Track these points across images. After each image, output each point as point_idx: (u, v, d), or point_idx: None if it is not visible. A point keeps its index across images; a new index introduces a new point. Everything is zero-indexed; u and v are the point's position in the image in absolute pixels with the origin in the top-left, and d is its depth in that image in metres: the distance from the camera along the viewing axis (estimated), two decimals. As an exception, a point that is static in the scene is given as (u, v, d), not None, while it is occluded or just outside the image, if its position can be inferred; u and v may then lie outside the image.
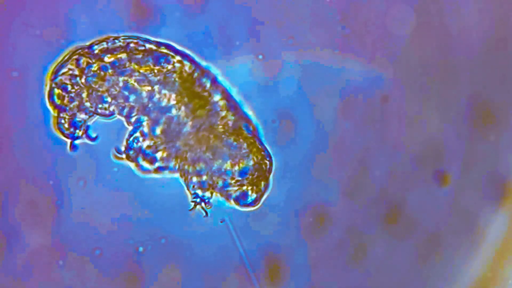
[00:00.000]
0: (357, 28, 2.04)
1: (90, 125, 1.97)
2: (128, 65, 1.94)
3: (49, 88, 1.94)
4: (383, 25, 2.05)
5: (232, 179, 1.96)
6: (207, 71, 1.98)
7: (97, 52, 1.94)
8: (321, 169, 2.05)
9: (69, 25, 1.98)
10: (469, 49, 2.06)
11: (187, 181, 1.97)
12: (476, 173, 2.08)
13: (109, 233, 2.01)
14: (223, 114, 1.97)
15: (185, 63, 1.96)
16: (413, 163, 2.07)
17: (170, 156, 1.96)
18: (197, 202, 1.98)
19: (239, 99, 2.00)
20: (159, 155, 1.96)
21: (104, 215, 2.01)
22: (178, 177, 1.98)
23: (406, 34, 2.05)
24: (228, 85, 2.00)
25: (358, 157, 2.06)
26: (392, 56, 2.05)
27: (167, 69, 1.94)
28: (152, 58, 1.95)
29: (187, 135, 1.95)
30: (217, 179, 1.96)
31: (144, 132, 1.95)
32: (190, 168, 1.96)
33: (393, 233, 2.06)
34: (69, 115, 1.94)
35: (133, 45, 1.95)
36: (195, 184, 1.97)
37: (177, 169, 1.97)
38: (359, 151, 2.06)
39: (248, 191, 1.97)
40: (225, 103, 1.97)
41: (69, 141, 1.96)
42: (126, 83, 1.93)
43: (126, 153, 1.96)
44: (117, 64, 1.94)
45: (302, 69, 2.03)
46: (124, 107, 1.94)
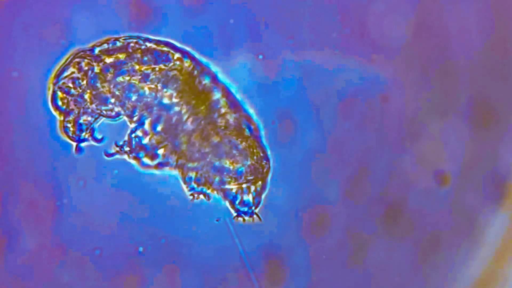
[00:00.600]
0: (357, 28, 2.05)
1: (95, 127, 1.97)
2: (129, 65, 1.94)
3: (52, 92, 1.94)
4: (383, 25, 2.05)
5: (228, 177, 1.96)
6: (208, 69, 1.98)
7: (98, 53, 1.94)
8: (321, 169, 2.05)
9: (69, 25, 1.98)
10: (469, 49, 2.06)
11: (184, 175, 1.97)
12: (476, 173, 2.08)
13: (109, 233, 2.01)
14: (224, 111, 1.97)
15: (186, 61, 1.96)
16: (413, 163, 2.07)
17: (170, 152, 1.96)
18: (195, 192, 1.98)
19: (239, 96, 2.00)
20: (161, 151, 1.96)
21: (104, 215, 2.01)
22: (176, 173, 1.98)
23: (406, 34, 2.05)
24: (228, 82, 2.00)
25: (358, 157, 2.06)
26: (392, 56, 2.05)
27: (168, 67, 1.94)
28: (152, 56, 1.95)
29: (188, 132, 1.95)
30: (214, 176, 1.96)
31: (145, 129, 1.95)
32: (188, 163, 1.96)
33: (393, 233, 2.06)
34: (74, 118, 1.94)
35: (133, 45, 1.95)
36: (191, 178, 1.97)
37: (176, 164, 1.97)
38: (359, 151, 2.06)
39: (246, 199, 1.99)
40: (226, 101, 1.97)
41: (75, 144, 1.96)
42: (128, 83, 1.93)
43: (123, 149, 1.96)
44: (118, 64, 1.94)
45: (302, 69, 2.03)
46: (127, 107, 1.94)
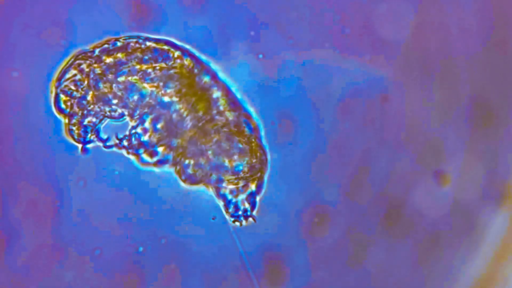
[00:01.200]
0: (357, 28, 2.05)
1: (100, 128, 1.97)
2: (130, 64, 1.94)
3: (55, 95, 1.94)
4: (383, 25, 2.05)
5: (225, 175, 1.96)
6: (208, 67, 1.98)
7: (99, 54, 1.94)
8: (321, 169, 2.05)
9: (69, 25, 1.98)
10: (469, 49, 2.06)
11: (182, 172, 1.97)
12: (476, 173, 2.08)
13: (109, 233, 2.01)
14: (223, 109, 1.97)
15: (186, 59, 1.97)
16: (413, 163, 2.07)
17: (170, 150, 1.96)
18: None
19: (239, 95, 2.00)
20: (160, 149, 1.96)
21: (104, 215, 2.01)
22: (174, 170, 1.98)
23: (406, 34, 2.05)
24: (228, 81, 2.00)
25: (358, 157, 2.06)
26: (392, 56, 2.05)
27: (168, 65, 1.95)
28: (153, 55, 1.95)
29: (187, 130, 1.95)
30: (211, 174, 1.96)
31: (146, 127, 1.95)
32: (186, 160, 1.96)
33: (393, 233, 2.06)
34: (79, 120, 1.94)
35: (133, 45, 1.95)
36: (189, 175, 1.97)
37: (174, 162, 1.97)
38: (359, 151, 2.06)
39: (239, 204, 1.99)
40: (226, 99, 1.98)
41: (80, 146, 1.96)
42: (129, 83, 1.93)
43: (122, 143, 1.96)
44: (119, 64, 1.94)
45: (302, 69, 2.03)
46: (129, 106, 1.94)
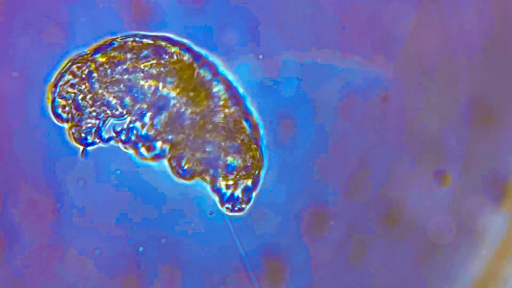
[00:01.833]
0: (357, 28, 2.05)
1: (102, 129, 1.97)
2: (128, 63, 1.94)
3: (52, 100, 1.94)
4: (383, 25, 2.05)
5: (221, 171, 1.97)
6: (207, 61, 1.98)
7: (96, 56, 1.94)
8: (321, 169, 2.05)
9: (69, 25, 1.98)
10: (469, 49, 2.06)
11: (177, 165, 1.97)
12: (476, 173, 2.08)
13: (109, 233, 2.01)
14: (222, 104, 1.97)
15: (184, 54, 1.96)
16: (413, 163, 2.07)
17: (168, 144, 1.96)
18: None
19: (240, 89, 2.00)
20: (159, 144, 1.96)
21: (104, 215, 2.01)
22: (170, 163, 1.98)
23: (406, 34, 2.05)
24: (229, 75, 1.99)
25: (358, 157, 2.06)
26: (392, 56, 2.05)
27: (166, 61, 1.95)
28: (150, 52, 1.95)
29: (186, 125, 1.95)
30: (207, 168, 1.97)
31: (144, 122, 1.95)
32: (183, 153, 1.96)
33: (393, 233, 2.06)
34: (78, 122, 1.94)
35: (130, 43, 1.95)
36: (184, 169, 1.97)
37: (171, 155, 1.97)
38: (359, 151, 2.06)
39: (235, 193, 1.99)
40: (226, 94, 1.98)
41: (81, 148, 1.97)
42: (127, 81, 1.94)
43: (120, 136, 1.96)
44: (116, 64, 1.94)
45: (302, 69, 2.03)
46: (128, 104, 1.94)
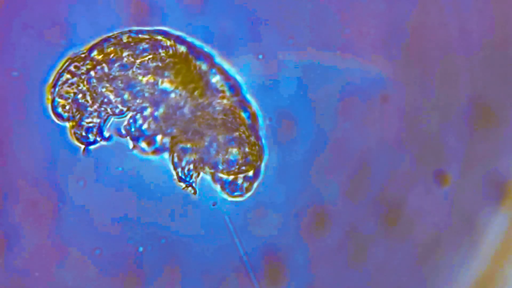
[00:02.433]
0: (357, 28, 2.05)
1: (103, 127, 1.97)
2: (125, 60, 1.94)
3: (52, 100, 1.95)
4: (383, 25, 2.05)
5: (222, 163, 1.97)
6: (204, 52, 1.98)
7: (93, 55, 1.95)
8: (321, 169, 2.05)
9: (69, 25, 1.98)
10: (469, 49, 2.06)
11: (178, 158, 1.97)
12: (476, 173, 2.08)
13: (109, 233, 2.01)
14: (221, 95, 1.97)
15: (180, 47, 1.96)
16: (413, 163, 2.07)
17: (168, 137, 1.97)
18: (183, 182, 1.99)
19: (238, 79, 2.00)
20: (159, 138, 1.96)
21: (104, 215, 2.01)
22: (170, 157, 1.98)
23: (406, 34, 2.05)
24: (226, 65, 1.99)
25: (358, 157, 2.06)
26: (392, 56, 2.05)
27: (163, 55, 1.95)
28: (146, 47, 1.95)
29: (185, 118, 1.95)
30: (207, 161, 1.97)
31: (144, 116, 1.95)
32: (184, 147, 1.96)
33: (393, 233, 2.06)
34: (79, 122, 1.95)
35: (126, 39, 1.95)
36: (185, 162, 1.97)
37: (172, 149, 1.97)
38: (359, 151, 2.06)
39: (237, 180, 1.99)
40: (224, 84, 1.98)
41: (83, 147, 1.97)
42: (125, 78, 1.94)
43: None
44: (114, 61, 1.94)
45: (302, 69, 2.03)
46: (127, 101, 1.95)
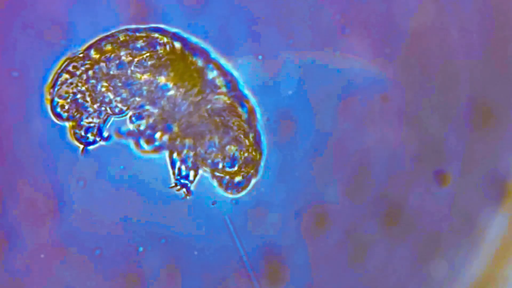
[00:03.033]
0: (357, 28, 2.05)
1: (103, 127, 1.97)
2: (122, 58, 1.94)
3: (51, 100, 1.95)
4: (383, 25, 2.05)
5: (220, 160, 1.97)
6: (199, 48, 1.98)
7: (90, 54, 1.95)
8: (321, 169, 2.05)
9: (69, 25, 1.98)
10: (469, 49, 2.06)
11: (178, 154, 1.97)
12: (476, 173, 2.08)
13: (109, 233, 2.01)
14: (218, 91, 1.97)
15: (176, 43, 1.96)
16: (413, 163, 2.07)
17: (167, 135, 1.97)
18: (179, 183, 1.99)
19: (234, 74, 2.00)
20: (158, 135, 1.96)
21: (104, 215, 2.01)
22: (169, 154, 1.99)
23: (406, 34, 2.05)
24: (222, 60, 1.99)
25: (358, 157, 2.06)
26: (392, 56, 2.05)
27: (160, 52, 1.95)
28: (143, 45, 1.95)
29: (184, 115, 1.95)
30: (206, 158, 1.97)
31: (143, 114, 1.95)
32: (182, 143, 1.96)
33: (393, 233, 2.06)
34: (79, 122, 1.95)
35: (123, 38, 1.95)
36: (183, 159, 1.97)
37: (170, 146, 1.97)
38: (359, 151, 2.06)
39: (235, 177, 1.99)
40: (221, 80, 1.98)
41: (82, 146, 1.97)
42: (123, 76, 1.94)
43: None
44: (111, 60, 1.94)
45: (302, 69, 2.03)
46: (126, 99, 1.95)
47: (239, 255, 2.03)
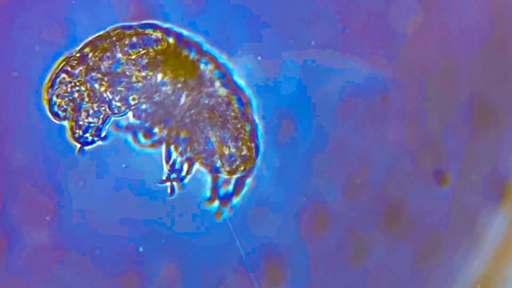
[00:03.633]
0: (357, 28, 2.05)
1: (102, 127, 1.97)
2: (118, 56, 1.94)
3: (49, 100, 1.94)
4: (383, 25, 2.05)
5: (218, 159, 1.97)
6: (192, 42, 1.98)
7: (88, 53, 1.94)
8: (321, 169, 2.05)
9: (69, 25, 1.98)
10: (469, 49, 2.06)
11: (174, 147, 1.97)
12: (476, 173, 2.08)
13: (109, 233, 2.01)
14: (215, 84, 1.97)
15: (169, 39, 1.96)
16: (413, 163, 2.07)
17: (165, 130, 1.97)
18: (170, 179, 1.99)
19: (228, 65, 2.00)
20: (156, 130, 1.97)
21: (104, 215, 2.01)
22: (165, 148, 1.99)
23: (406, 34, 2.05)
24: (215, 52, 1.99)
25: (358, 157, 2.06)
26: (392, 56, 2.05)
27: (155, 48, 1.95)
28: (138, 42, 1.95)
29: (182, 109, 1.95)
30: (202, 153, 1.97)
31: (141, 109, 1.95)
32: (179, 136, 1.96)
33: (393, 233, 2.06)
34: (77, 121, 1.95)
35: (117, 36, 1.95)
36: (179, 151, 1.98)
37: (167, 139, 1.97)
38: (359, 151, 2.06)
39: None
40: (215, 72, 1.98)
41: (78, 146, 1.97)
42: (120, 74, 1.94)
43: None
44: (108, 58, 1.94)
45: (302, 69, 2.03)
46: (124, 98, 1.95)
47: (239, 255, 2.03)
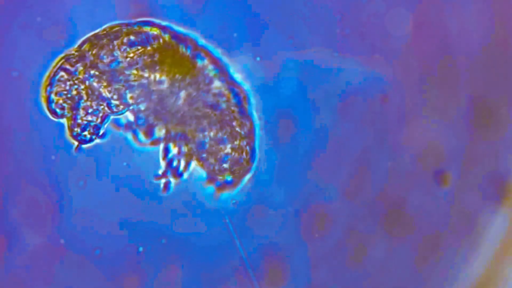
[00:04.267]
0: (357, 28, 2.05)
1: (100, 125, 1.97)
2: (116, 55, 1.94)
3: (47, 98, 1.95)
4: (383, 25, 2.05)
5: (214, 160, 1.97)
6: (189, 39, 1.98)
7: (86, 51, 1.95)
8: (321, 168, 2.05)
9: (69, 25, 1.98)
10: (469, 49, 2.06)
11: (173, 144, 1.97)
12: (476, 173, 2.08)
13: (109, 233, 2.01)
14: (212, 80, 1.97)
15: (165, 36, 1.97)
16: (413, 163, 2.07)
17: (164, 128, 1.97)
18: (166, 175, 1.99)
19: (224, 60, 2.00)
20: (155, 128, 1.97)
21: (104, 215, 2.01)
22: (162, 146, 1.99)
23: (406, 34, 2.05)
24: (211, 47, 1.99)
25: (358, 157, 2.06)
26: (392, 56, 2.05)
27: (153, 47, 1.95)
28: (137, 40, 1.95)
29: (180, 107, 1.96)
30: (198, 152, 1.97)
31: (140, 109, 1.96)
32: (176, 136, 1.97)
33: (393, 233, 2.06)
34: (75, 119, 1.95)
35: (115, 34, 1.95)
36: (176, 150, 1.98)
37: (166, 137, 1.97)
38: (359, 151, 2.06)
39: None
40: (212, 70, 1.98)
41: (76, 144, 1.97)
42: (118, 73, 1.94)
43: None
44: (106, 56, 1.94)
45: (302, 69, 2.03)
46: (122, 96, 1.95)
47: (239, 254, 2.03)
